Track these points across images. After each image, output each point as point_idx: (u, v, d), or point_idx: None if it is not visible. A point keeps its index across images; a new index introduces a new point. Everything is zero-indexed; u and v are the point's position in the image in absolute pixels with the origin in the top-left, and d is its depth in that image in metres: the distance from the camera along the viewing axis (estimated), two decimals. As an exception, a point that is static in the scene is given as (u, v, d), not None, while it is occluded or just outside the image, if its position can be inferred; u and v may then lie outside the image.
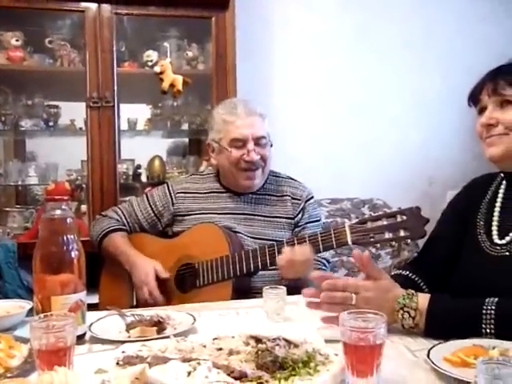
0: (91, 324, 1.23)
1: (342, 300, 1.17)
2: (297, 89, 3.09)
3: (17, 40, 2.54)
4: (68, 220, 1.16)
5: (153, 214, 1.93)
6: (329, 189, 2.80)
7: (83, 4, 2.48)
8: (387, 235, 1.42)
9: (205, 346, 1.02)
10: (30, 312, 1.33)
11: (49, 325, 0.94)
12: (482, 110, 1.32)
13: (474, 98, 1.34)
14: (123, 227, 1.92)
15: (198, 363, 0.89)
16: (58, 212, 1.15)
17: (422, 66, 3.20)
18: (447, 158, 3.21)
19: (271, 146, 1.88)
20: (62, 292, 1.13)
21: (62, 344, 0.93)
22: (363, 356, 0.89)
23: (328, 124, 3.14)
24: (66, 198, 1.17)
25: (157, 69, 2.51)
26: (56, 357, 0.92)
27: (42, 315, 0.99)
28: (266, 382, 0.87)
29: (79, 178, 2.74)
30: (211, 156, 1.92)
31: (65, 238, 1.14)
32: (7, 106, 2.64)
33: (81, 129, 2.71)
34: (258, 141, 1.81)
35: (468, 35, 3.23)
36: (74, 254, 1.15)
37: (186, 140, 3.10)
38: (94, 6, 2.48)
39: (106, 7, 2.48)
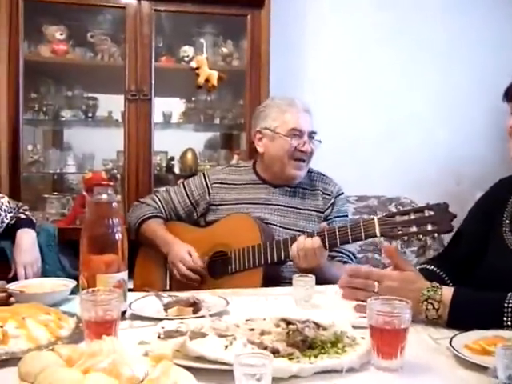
0: (130, 303, 1.31)
1: (363, 286, 1.21)
2: (328, 86, 3.13)
3: (61, 34, 2.63)
4: (113, 204, 1.23)
5: (189, 203, 2.00)
6: (355, 186, 2.82)
7: (124, 0, 2.56)
8: (414, 229, 1.45)
9: (238, 326, 1.08)
10: (72, 291, 1.43)
11: (97, 298, 1.03)
12: None
13: (508, 96, 1.35)
14: (160, 215, 1.99)
15: (234, 338, 0.96)
16: (105, 196, 1.22)
17: (451, 63, 3.22)
18: (475, 157, 3.21)
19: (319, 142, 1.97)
20: (106, 271, 1.20)
21: (108, 317, 1.02)
22: (388, 339, 0.95)
23: (357, 122, 3.18)
24: (111, 183, 1.26)
25: (193, 64, 2.56)
26: (103, 328, 1.00)
27: (90, 290, 1.07)
28: (297, 358, 0.94)
29: (114, 168, 2.84)
30: (258, 144, 1.99)
31: (110, 220, 1.21)
32: (49, 96, 2.75)
33: (117, 120, 2.80)
34: (311, 135, 1.93)
35: (497, 36, 3.23)
36: (118, 236, 1.22)
37: (218, 134, 3.18)
38: (134, 2, 2.56)
39: (145, 4, 2.56)
